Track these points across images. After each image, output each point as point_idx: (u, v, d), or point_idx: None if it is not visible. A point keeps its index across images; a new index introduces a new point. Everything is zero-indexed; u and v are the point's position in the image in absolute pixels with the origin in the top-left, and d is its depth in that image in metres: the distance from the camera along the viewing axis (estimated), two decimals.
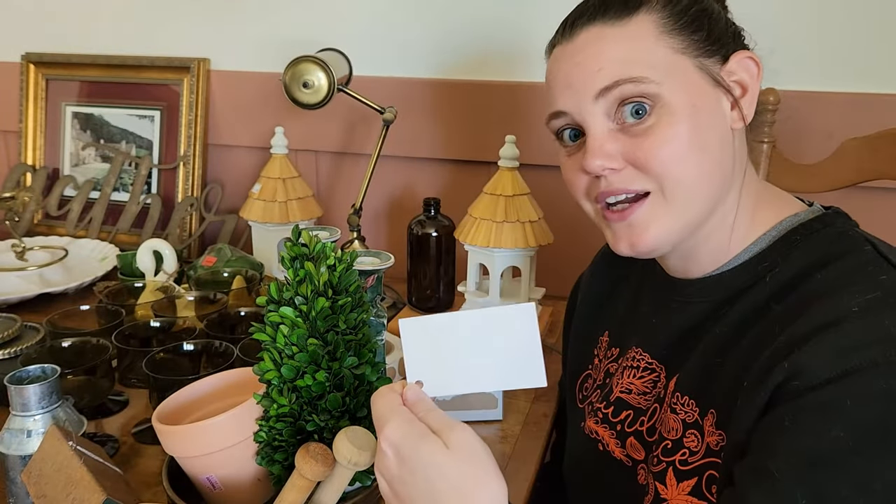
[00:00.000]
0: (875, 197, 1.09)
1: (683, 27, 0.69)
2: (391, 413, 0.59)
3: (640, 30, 0.68)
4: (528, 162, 1.21)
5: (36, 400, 0.74)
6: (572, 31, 0.71)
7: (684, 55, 0.68)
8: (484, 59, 1.33)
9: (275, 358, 0.68)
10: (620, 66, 0.67)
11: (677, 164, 0.67)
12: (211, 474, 0.69)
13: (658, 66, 0.67)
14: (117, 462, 0.77)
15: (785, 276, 0.68)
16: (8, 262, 1.37)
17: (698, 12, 0.70)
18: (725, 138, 0.70)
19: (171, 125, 1.54)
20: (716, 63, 0.70)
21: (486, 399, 0.95)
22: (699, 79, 0.69)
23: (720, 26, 0.71)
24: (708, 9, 0.70)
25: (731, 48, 0.71)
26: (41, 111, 1.64)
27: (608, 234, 0.74)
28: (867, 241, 0.68)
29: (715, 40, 0.70)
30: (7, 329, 0.98)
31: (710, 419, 0.67)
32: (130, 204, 1.54)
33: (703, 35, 0.69)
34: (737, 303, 0.70)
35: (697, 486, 0.67)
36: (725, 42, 0.71)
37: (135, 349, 0.96)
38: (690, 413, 0.69)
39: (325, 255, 0.69)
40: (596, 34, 0.69)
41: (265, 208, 1.35)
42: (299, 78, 1.21)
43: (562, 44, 0.73)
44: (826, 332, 0.59)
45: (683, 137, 0.67)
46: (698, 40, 0.69)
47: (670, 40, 0.68)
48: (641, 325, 0.80)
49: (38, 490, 0.66)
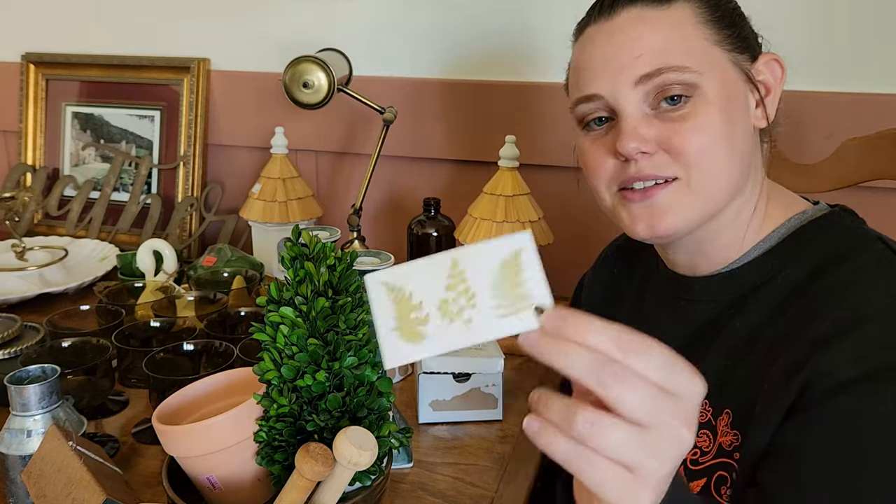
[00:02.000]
0: (875, 197, 1.09)
1: (719, 20, 0.70)
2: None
3: (681, 16, 0.69)
4: (528, 162, 1.21)
5: (36, 400, 0.74)
6: (612, 9, 0.70)
7: (720, 47, 0.69)
8: (484, 59, 1.33)
9: (275, 358, 0.68)
10: (662, 54, 0.68)
11: (709, 153, 0.68)
12: (211, 474, 0.69)
13: (697, 54, 0.68)
14: (117, 462, 0.77)
15: (798, 275, 0.68)
16: (8, 262, 1.37)
17: (731, 9, 0.72)
18: (749, 134, 0.71)
19: (171, 125, 1.54)
20: (746, 60, 0.71)
21: (487, 399, 0.95)
22: (733, 72, 0.70)
23: (748, 27, 0.73)
24: (738, 8, 0.73)
25: (757, 49, 0.73)
26: (41, 111, 1.64)
27: (624, 217, 0.72)
28: (878, 239, 0.68)
29: (744, 38, 0.71)
30: (7, 329, 0.98)
31: (726, 419, 0.67)
32: (130, 204, 1.54)
33: (736, 31, 0.70)
34: (747, 302, 0.70)
35: (706, 486, 0.67)
36: (752, 43, 0.72)
37: (135, 349, 0.96)
38: (703, 413, 0.69)
39: (325, 255, 0.69)
40: (636, 15, 0.69)
41: (265, 208, 1.35)
42: (299, 78, 1.21)
43: (598, 22, 0.71)
44: (848, 334, 0.59)
45: (717, 127, 0.67)
46: (731, 35, 0.70)
47: (707, 31, 0.69)
48: (647, 326, 0.80)
49: (38, 490, 0.66)
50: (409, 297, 0.48)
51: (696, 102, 0.67)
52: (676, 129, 0.68)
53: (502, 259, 0.47)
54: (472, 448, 0.90)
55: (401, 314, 0.48)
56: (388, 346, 0.48)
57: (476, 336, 0.46)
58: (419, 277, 0.48)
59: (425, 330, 0.47)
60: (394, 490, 0.82)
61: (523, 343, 0.44)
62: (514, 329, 0.46)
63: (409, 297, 0.48)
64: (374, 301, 0.48)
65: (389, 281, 0.48)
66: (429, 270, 0.48)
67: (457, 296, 0.47)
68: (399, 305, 0.48)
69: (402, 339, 0.48)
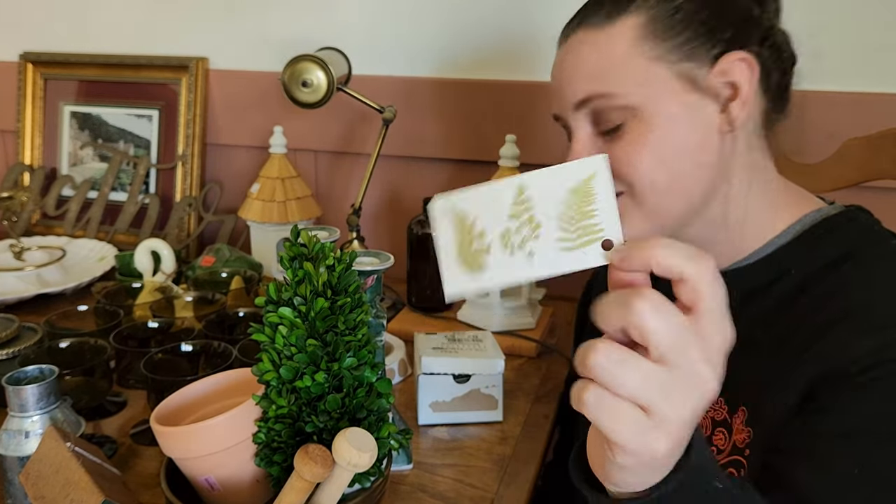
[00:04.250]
0: (877, 197, 1.09)
1: (670, 27, 0.67)
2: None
3: (620, 35, 0.67)
4: (528, 162, 1.20)
5: (34, 401, 0.73)
6: (565, 34, 0.73)
7: (662, 62, 0.67)
8: (484, 57, 1.33)
9: (273, 359, 0.67)
10: (592, 81, 0.69)
11: (647, 171, 0.68)
12: (210, 476, 0.68)
13: (631, 76, 0.67)
14: (115, 463, 0.77)
15: (812, 269, 0.67)
16: (6, 263, 1.36)
17: (695, 8, 0.67)
18: (707, 144, 0.69)
19: (170, 125, 1.54)
20: (702, 65, 0.67)
21: (487, 400, 0.94)
22: (676, 86, 0.67)
23: (728, 18, 0.67)
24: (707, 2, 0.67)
25: (731, 45, 0.66)
26: (39, 110, 1.63)
27: None
28: (893, 236, 0.69)
29: (707, 37, 0.66)
30: (5, 330, 0.97)
31: (741, 416, 0.67)
32: (128, 204, 1.53)
33: (692, 34, 0.66)
34: (760, 297, 0.70)
35: None
36: (723, 38, 0.66)
37: (133, 350, 0.96)
38: (720, 411, 0.69)
39: (324, 256, 0.69)
40: (580, 38, 0.70)
41: (264, 208, 1.34)
42: (298, 77, 1.21)
43: (559, 45, 0.74)
44: (855, 316, 0.60)
45: (655, 145, 0.67)
46: (682, 42, 0.66)
47: (647, 46, 0.67)
48: None
49: (37, 491, 0.66)
50: (473, 224, 0.46)
51: (632, 123, 0.68)
52: (613, 149, 0.69)
53: (573, 185, 0.45)
54: (472, 449, 0.90)
55: (462, 242, 0.46)
56: (448, 274, 0.46)
57: (537, 271, 0.45)
58: (483, 204, 0.46)
59: (486, 260, 0.46)
60: (393, 491, 0.82)
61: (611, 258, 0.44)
62: (577, 266, 0.44)
63: (473, 224, 0.46)
64: (438, 227, 0.47)
65: (454, 206, 0.46)
66: (493, 196, 0.46)
67: (520, 225, 0.45)
68: (461, 233, 0.46)
69: (463, 267, 0.46)
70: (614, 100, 0.68)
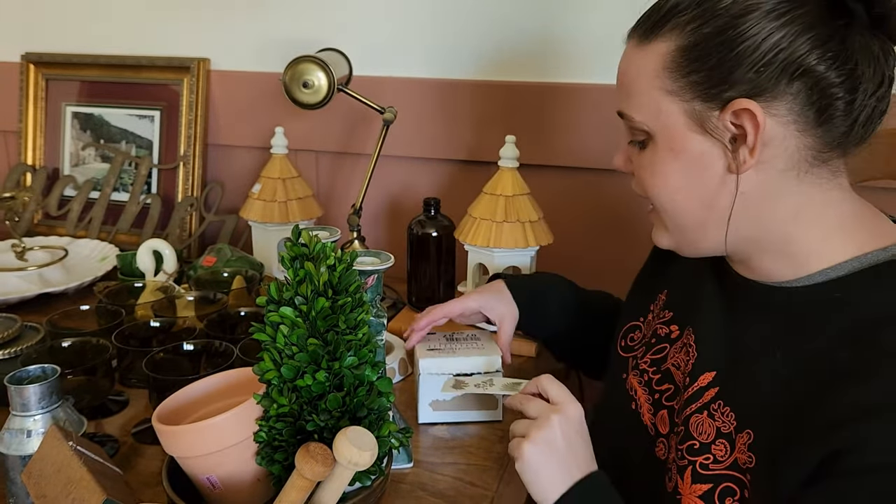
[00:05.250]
0: (875, 197, 1.09)
1: (692, 61, 0.65)
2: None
3: (651, 59, 0.68)
4: (528, 162, 1.21)
5: (36, 400, 0.74)
6: (629, 34, 0.73)
7: (675, 97, 0.67)
8: (484, 58, 1.33)
9: (275, 358, 0.68)
10: (623, 98, 0.72)
11: (655, 195, 0.72)
12: (211, 474, 0.69)
13: (646, 105, 0.69)
14: (117, 462, 0.77)
15: (864, 318, 0.62)
16: (8, 262, 1.37)
17: (724, 42, 0.63)
18: (713, 182, 0.67)
19: (171, 125, 1.54)
20: (714, 107, 0.65)
21: (487, 400, 0.95)
22: (683, 125, 0.67)
23: (747, 61, 0.62)
24: (739, 38, 0.62)
25: (744, 90, 0.63)
26: (41, 111, 1.64)
27: None
28: None
29: (721, 80, 0.64)
30: (7, 329, 0.98)
31: (745, 438, 0.67)
32: (130, 204, 1.54)
33: (707, 74, 0.64)
34: (801, 332, 0.66)
35: (710, 492, 0.68)
36: (739, 81, 0.63)
37: (135, 349, 0.96)
38: (727, 424, 0.69)
39: (324, 255, 0.69)
40: (627, 51, 0.72)
41: (265, 208, 1.34)
42: (299, 78, 1.21)
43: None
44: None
45: (664, 174, 0.70)
46: (697, 82, 0.65)
47: (666, 79, 0.67)
48: (702, 313, 0.78)
49: (38, 490, 0.66)
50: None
51: (650, 146, 0.71)
52: (637, 167, 0.74)
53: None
54: (472, 448, 0.90)
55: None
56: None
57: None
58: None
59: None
60: (394, 490, 0.82)
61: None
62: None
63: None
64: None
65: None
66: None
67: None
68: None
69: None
70: (635, 122, 0.71)
